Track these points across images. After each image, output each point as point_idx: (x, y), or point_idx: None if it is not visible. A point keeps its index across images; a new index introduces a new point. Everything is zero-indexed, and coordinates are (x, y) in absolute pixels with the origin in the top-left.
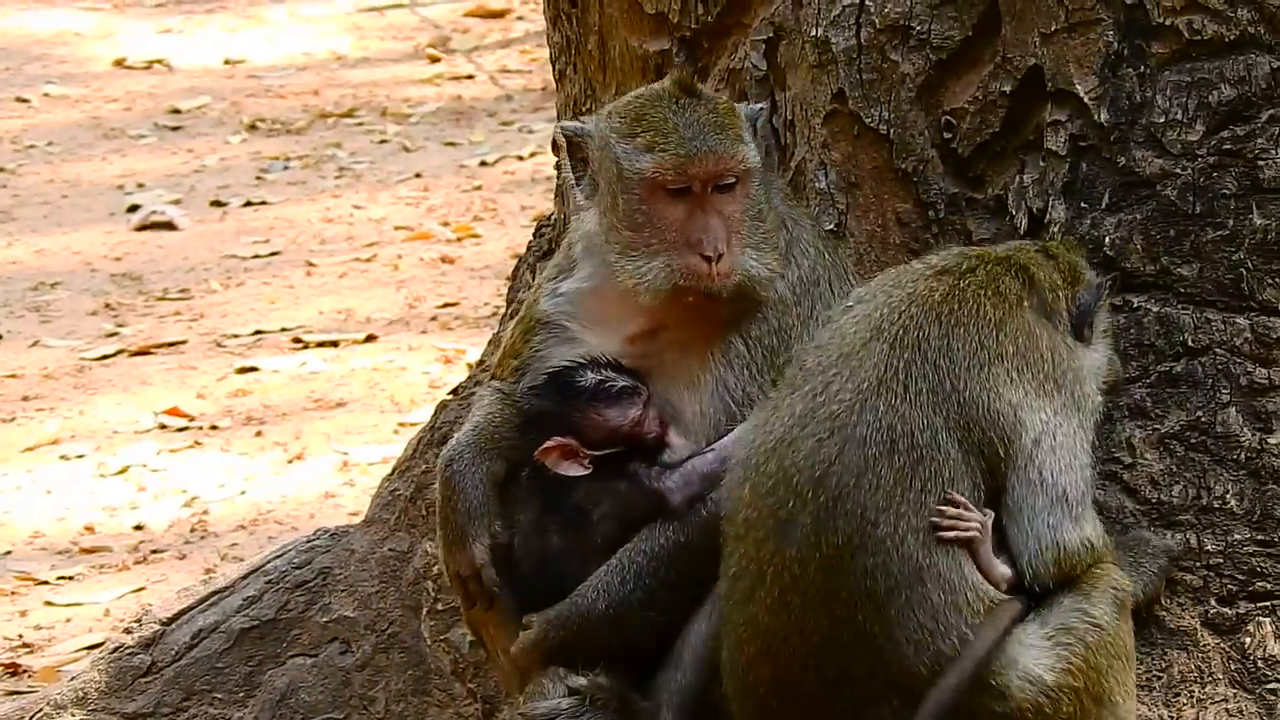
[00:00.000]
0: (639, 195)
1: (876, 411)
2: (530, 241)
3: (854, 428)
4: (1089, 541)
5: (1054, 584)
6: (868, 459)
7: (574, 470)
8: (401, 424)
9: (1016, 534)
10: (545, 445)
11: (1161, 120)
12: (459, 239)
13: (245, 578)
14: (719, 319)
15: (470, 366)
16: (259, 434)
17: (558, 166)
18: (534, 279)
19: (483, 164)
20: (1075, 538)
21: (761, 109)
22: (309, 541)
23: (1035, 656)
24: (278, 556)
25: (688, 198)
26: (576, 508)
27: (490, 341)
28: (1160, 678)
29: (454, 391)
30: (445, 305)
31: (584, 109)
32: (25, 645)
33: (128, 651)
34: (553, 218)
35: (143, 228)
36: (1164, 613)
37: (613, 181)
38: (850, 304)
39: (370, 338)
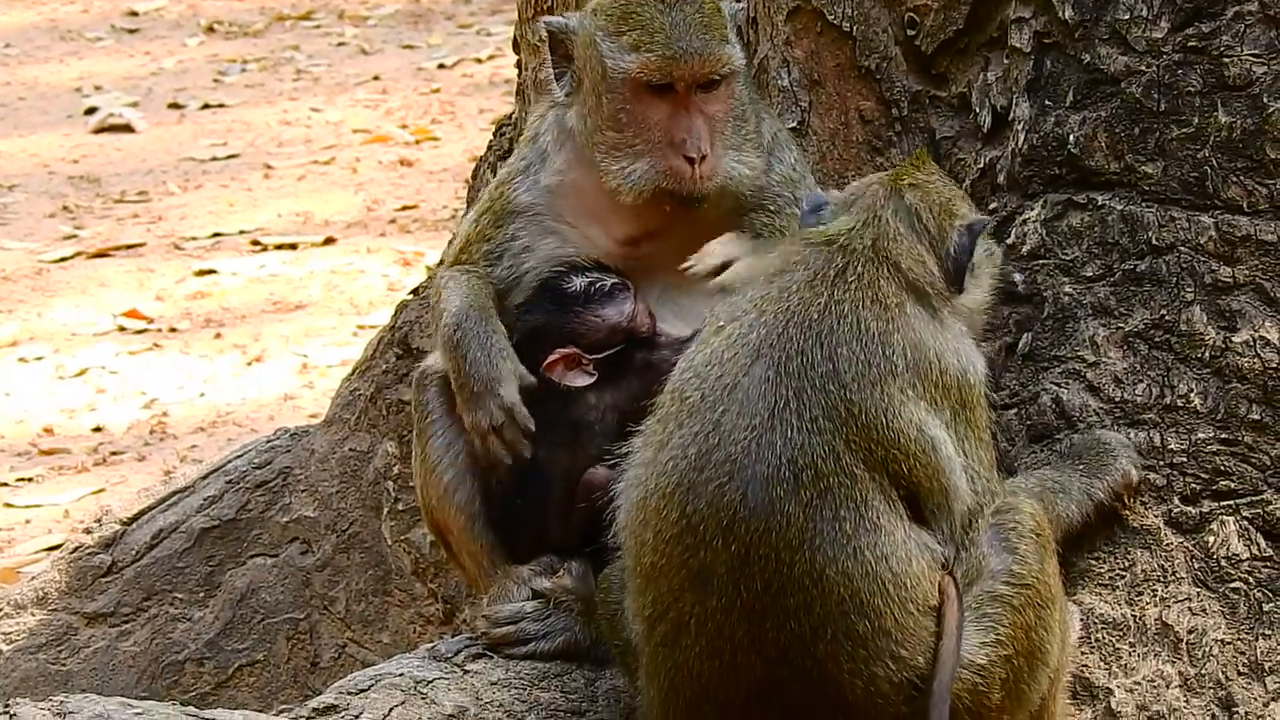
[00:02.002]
0: (623, 95)
1: (774, 448)
2: (490, 141)
3: (754, 467)
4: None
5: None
6: (774, 499)
7: (580, 379)
8: (360, 326)
9: (943, 527)
10: (549, 359)
11: (1126, 17)
12: (417, 142)
13: (206, 478)
14: (712, 220)
15: (429, 269)
16: (218, 336)
17: (518, 65)
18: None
19: (441, 67)
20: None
21: (741, 7)
22: (269, 441)
23: (965, 639)
24: (238, 456)
25: (672, 97)
26: (575, 422)
27: (450, 243)
28: (1123, 576)
29: (414, 292)
30: (404, 208)
31: (545, 8)
32: None
33: (88, 551)
34: (513, 117)
35: (100, 130)
36: (1127, 511)
37: (597, 81)
38: (721, 323)
39: (329, 240)
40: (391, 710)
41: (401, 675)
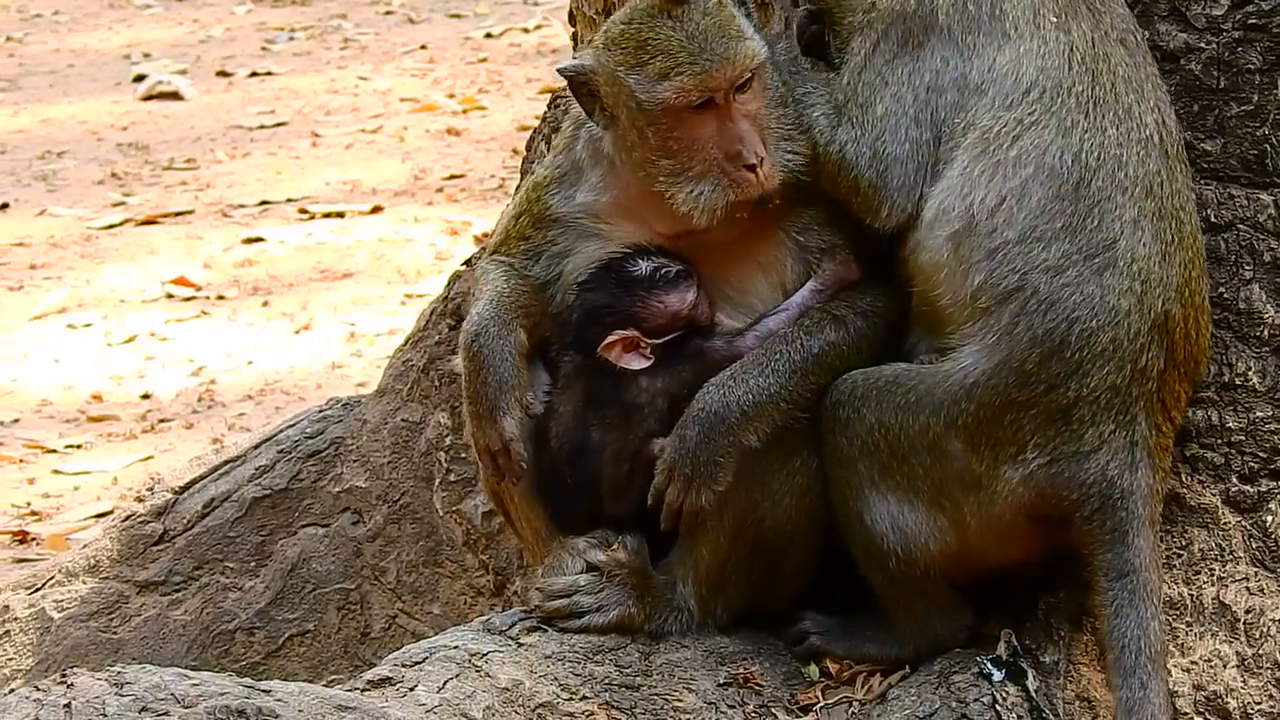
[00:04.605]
0: (666, 124)
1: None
2: (545, 113)
3: (1158, 145)
4: None
5: None
6: (1174, 174)
7: (637, 363)
8: (408, 295)
9: None
10: (607, 341)
11: None
12: (464, 111)
13: (258, 447)
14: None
15: (477, 239)
16: (266, 304)
17: (574, 38)
18: (548, 151)
19: (488, 36)
20: None
21: None
22: (321, 411)
23: None
24: (290, 426)
25: (714, 110)
26: (627, 404)
27: (502, 215)
28: (1180, 555)
29: (467, 263)
30: (451, 177)
31: None
32: (34, 513)
33: (140, 520)
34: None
35: (149, 97)
36: (1185, 490)
37: (634, 115)
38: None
39: (376, 209)
40: (446, 683)
41: (456, 648)
